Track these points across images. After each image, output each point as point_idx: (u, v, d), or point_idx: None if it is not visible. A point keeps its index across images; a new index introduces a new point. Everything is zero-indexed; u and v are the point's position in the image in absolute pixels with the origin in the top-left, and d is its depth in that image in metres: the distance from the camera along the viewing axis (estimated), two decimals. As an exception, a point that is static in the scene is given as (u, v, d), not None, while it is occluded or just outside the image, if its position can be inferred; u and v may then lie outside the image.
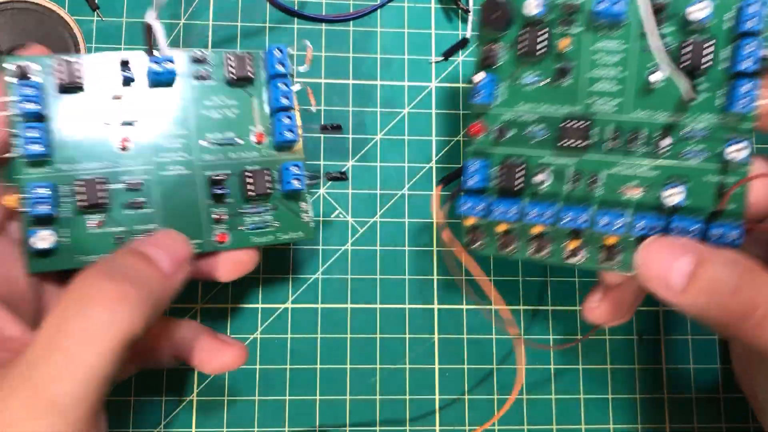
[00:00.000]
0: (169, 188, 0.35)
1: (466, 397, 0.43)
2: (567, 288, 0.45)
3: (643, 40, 0.32)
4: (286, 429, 0.42)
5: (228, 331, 0.43)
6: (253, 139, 0.37)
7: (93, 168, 0.34)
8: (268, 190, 0.36)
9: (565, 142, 0.33)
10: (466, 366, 0.44)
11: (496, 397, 0.43)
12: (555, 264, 0.34)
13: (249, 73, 0.36)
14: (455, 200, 0.34)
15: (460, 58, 0.46)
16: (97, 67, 0.35)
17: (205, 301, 0.43)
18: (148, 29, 0.34)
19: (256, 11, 0.46)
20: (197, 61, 0.36)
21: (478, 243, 0.35)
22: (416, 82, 0.46)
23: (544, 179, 0.33)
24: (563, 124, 0.33)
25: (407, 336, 0.44)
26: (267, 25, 0.45)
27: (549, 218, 0.33)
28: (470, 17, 0.46)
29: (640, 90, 0.32)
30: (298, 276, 0.44)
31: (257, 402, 0.42)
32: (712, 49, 0.31)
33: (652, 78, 0.31)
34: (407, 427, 0.43)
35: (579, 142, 0.33)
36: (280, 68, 0.36)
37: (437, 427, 0.43)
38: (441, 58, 0.46)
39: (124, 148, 0.35)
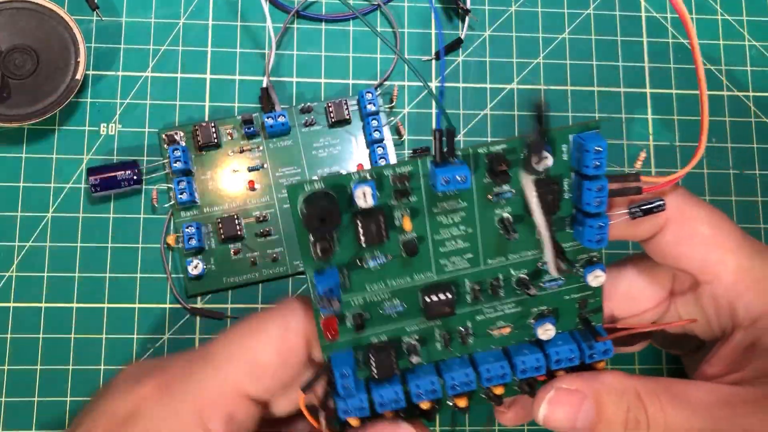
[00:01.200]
0: (290, 217, 0.40)
1: None
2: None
3: (482, 197, 0.31)
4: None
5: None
6: (355, 169, 0.43)
7: (229, 208, 0.43)
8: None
9: (434, 316, 0.32)
10: None
11: None
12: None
13: (346, 116, 0.44)
14: (327, 404, 0.32)
15: (460, 57, 0.47)
16: (224, 127, 0.43)
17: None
18: (264, 92, 0.43)
19: (256, 11, 0.46)
20: (304, 111, 0.44)
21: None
22: (416, 83, 0.46)
23: (419, 360, 0.32)
24: (426, 298, 0.31)
25: None
26: (267, 24, 0.45)
27: (434, 393, 0.32)
28: (467, 17, 0.46)
29: (489, 241, 0.32)
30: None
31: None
32: (557, 195, 0.31)
33: (511, 238, 0.31)
34: None
35: (447, 311, 0.32)
36: (371, 107, 0.43)
37: None
38: (431, 58, 0.46)
39: (252, 189, 0.43)
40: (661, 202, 0.31)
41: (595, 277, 0.32)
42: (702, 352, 0.36)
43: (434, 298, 0.31)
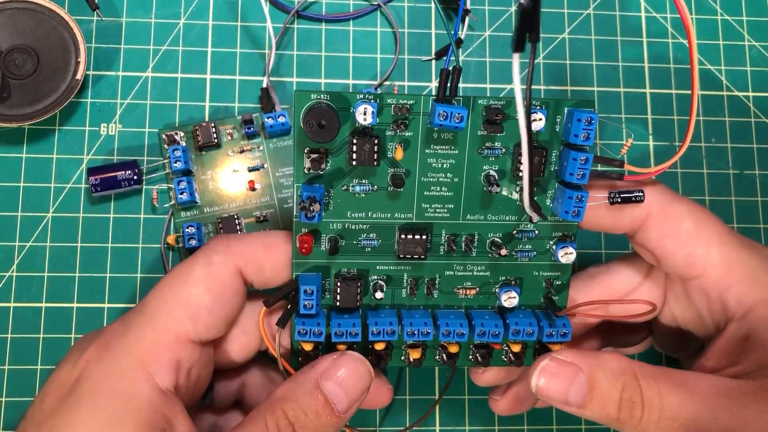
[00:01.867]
0: (290, 217, 0.40)
1: None
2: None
3: (473, 148, 0.32)
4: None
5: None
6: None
7: (229, 208, 0.43)
8: None
9: (406, 256, 0.32)
10: None
11: None
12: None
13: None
14: (286, 320, 0.32)
15: (460, 57, 0.47)
16: (224, 127, 0.43)
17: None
18: (264, 92, 0.43)
19: (256, 11, 0.46)
20: None
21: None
22: (416, 82, 0.46)
23: (381, 296, 0.33)
24: (401, 236, 0.32)
25: None
26: (267, 24, 0.45)
27: (391, 335, 0.32)
28: (467, 17, 0.46)
29: (472, 196, 0.32)
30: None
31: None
32: (543, 160, 0.32)
33: (493, 191, 0.32)
34: None
35: (419, 252, 0.32)
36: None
37: None
38: (430, 58, 0.46)
39: (252, 189, 0.42)
40: (641, 193, 0.32)
41: (566, 254, 0.33)
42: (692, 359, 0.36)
43: (409, 237, 0.32)
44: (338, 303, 0.32)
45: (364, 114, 0.29)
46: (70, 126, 0.44)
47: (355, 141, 0.30)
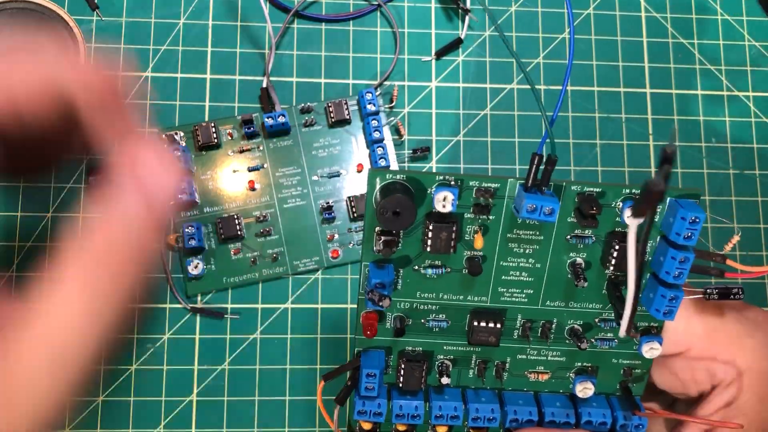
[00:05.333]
0: (290, 217, 0.43)
1: None
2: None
3: (561, 235, 0.30)
4: (286, 429, 0.42)
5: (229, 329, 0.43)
6: (354, 169, 0.43)
7: (229, 208, 0.43)
8: None
9: (477, 342, 0.31)
10: None
11: None
12: None
13: (346, 116, 0.44)
14: (345, 398, 0.30)
15: (460, 57, 0.47)
16: (224, 127, 0.43)
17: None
18: (264, 92, 0.43)
19: (256, 11, 0.46)
20: (304, 111, 0.44)
21: None
22: (416, 82, 0.46)
23: (448, 382, 0.31)
24: (474, 323, 0.30)
25: None
26: (267, 24, 0.45)
27: (455, 419, 0.31)
28: (467, 17, 0.46)
29: (554, 283, 0.31)
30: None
31: (257, 402, 0.42)
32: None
33: (579, 285, 0.30)
34: None
35: (492, 341, 0.31)
36: (371, 107, 0.43)
37: None
38: (430, 58, 0.46)
39: (252, 189, 0.42)
40: (739, 290, 0.29)
41: (651, 349, 0.31)
42: (675, 407, 0.35)
43: (482, 325, 0.30)
44: (401, 385, 0.31)
45: (444, 201, 0.27)
46: (70, 126, 0.44)
47: (431, 227, 0.28)
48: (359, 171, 0.44)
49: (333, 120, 0.44)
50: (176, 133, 0.43)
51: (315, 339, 0.43)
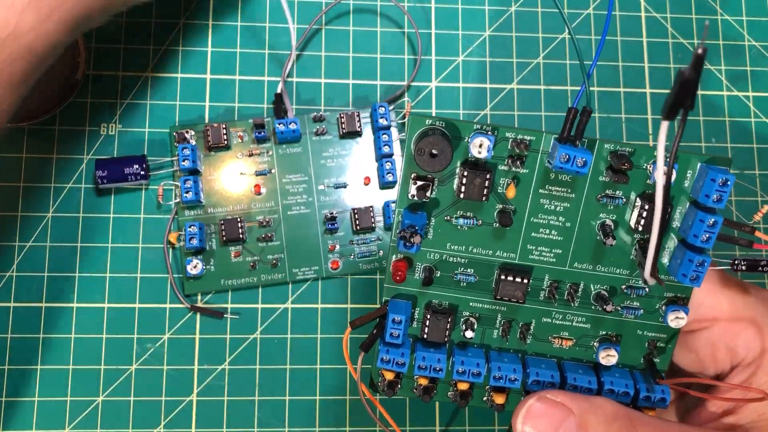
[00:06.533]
0: (293, 224, 0.43)
1: None
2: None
3: (592, 194, 0.30)
4: (286, 429, 0.42)
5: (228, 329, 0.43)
6: (361, 182, 0.43)
7: (233, 210, 0.42)
8: (373, 224, 0.43)
9: (503, 298, 0.31)
10: None
11: None
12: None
13: (357, 128, 0.43)
14: (370, 345, 0.31)
15: (460, 57, 0.47)
16: (235, 129, 0.43)
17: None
18: (278, 98, 0.43)
19: (255, 11, 0.46)
20: (316, 120, 0.44)
21: (396, 392, 0.32)
22: (417, 82, 0.46)
23: (472, 336, 0.31)
24: (501, 276, 0.30)
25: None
26: (266, 24, 0.45)
27: (477, 376, 0.31)
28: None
29: (583, 243, 0.31)
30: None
31: (257, 402, 0.42)
32: (667, 216, 0.29)
33: (608, 243, 0.30)
34: None
35: (518, 296, 0.31)
36: (383, 122, 0.43)
37: None
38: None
39: (258, 193, 0.42)
40: (767, 262, 0.29)
41: (676, 318, 0.30)
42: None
43: (509, 279, 0.30)
44: (425, 336, 0.31)
45: (480, 147, 0.28)
46: (70, 126, 0.44)
47: (465, 173, 0.28)
48: (366, 184, 0.44)
49: (344, 131, 0.44)
50: (187, 132, 0.43)
51: (315, 339, 0.43)
